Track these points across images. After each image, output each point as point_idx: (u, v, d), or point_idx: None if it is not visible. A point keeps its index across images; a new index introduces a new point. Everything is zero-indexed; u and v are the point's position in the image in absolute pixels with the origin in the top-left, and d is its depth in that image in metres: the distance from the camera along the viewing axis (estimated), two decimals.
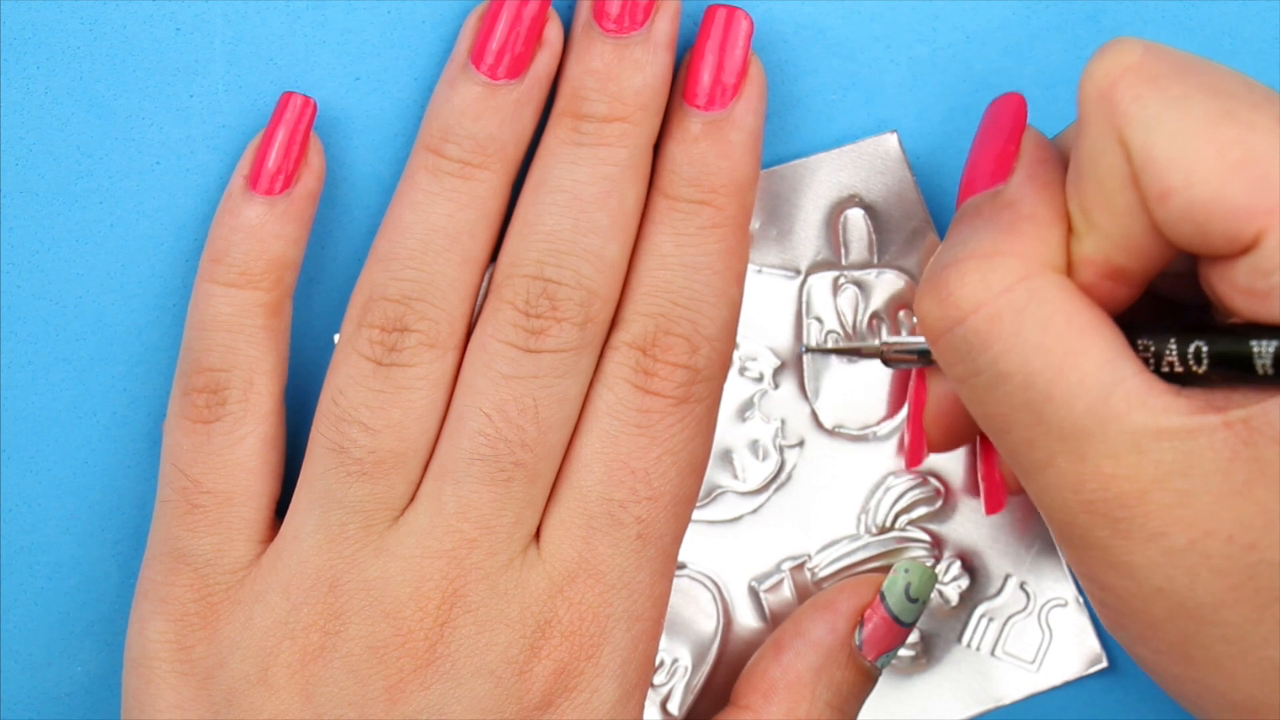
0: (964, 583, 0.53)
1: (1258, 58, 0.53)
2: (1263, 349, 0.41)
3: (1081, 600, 0.53)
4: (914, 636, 0.53)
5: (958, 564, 0.53)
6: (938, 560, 0.53)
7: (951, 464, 0.53)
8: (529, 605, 0.48)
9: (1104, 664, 0.53)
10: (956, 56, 0.53)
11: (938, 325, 0.44)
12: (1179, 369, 0.43)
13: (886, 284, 0.53)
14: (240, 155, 0.51)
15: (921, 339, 0.50)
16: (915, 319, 0.47)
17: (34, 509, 0.52)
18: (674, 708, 0.53)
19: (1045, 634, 0.53)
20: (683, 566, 0.53)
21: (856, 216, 0.53)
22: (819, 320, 0.53)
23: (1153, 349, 0.43)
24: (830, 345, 0.53)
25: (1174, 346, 0.43)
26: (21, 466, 0.52)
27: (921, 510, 0.53)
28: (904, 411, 0.53)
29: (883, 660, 0.51)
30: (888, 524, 0.53)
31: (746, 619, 0.53)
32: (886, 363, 0.51)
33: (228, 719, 0.47)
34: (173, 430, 0.50)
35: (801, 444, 0.53)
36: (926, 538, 0.53)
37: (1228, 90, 0.41)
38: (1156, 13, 0.53)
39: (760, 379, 0.53)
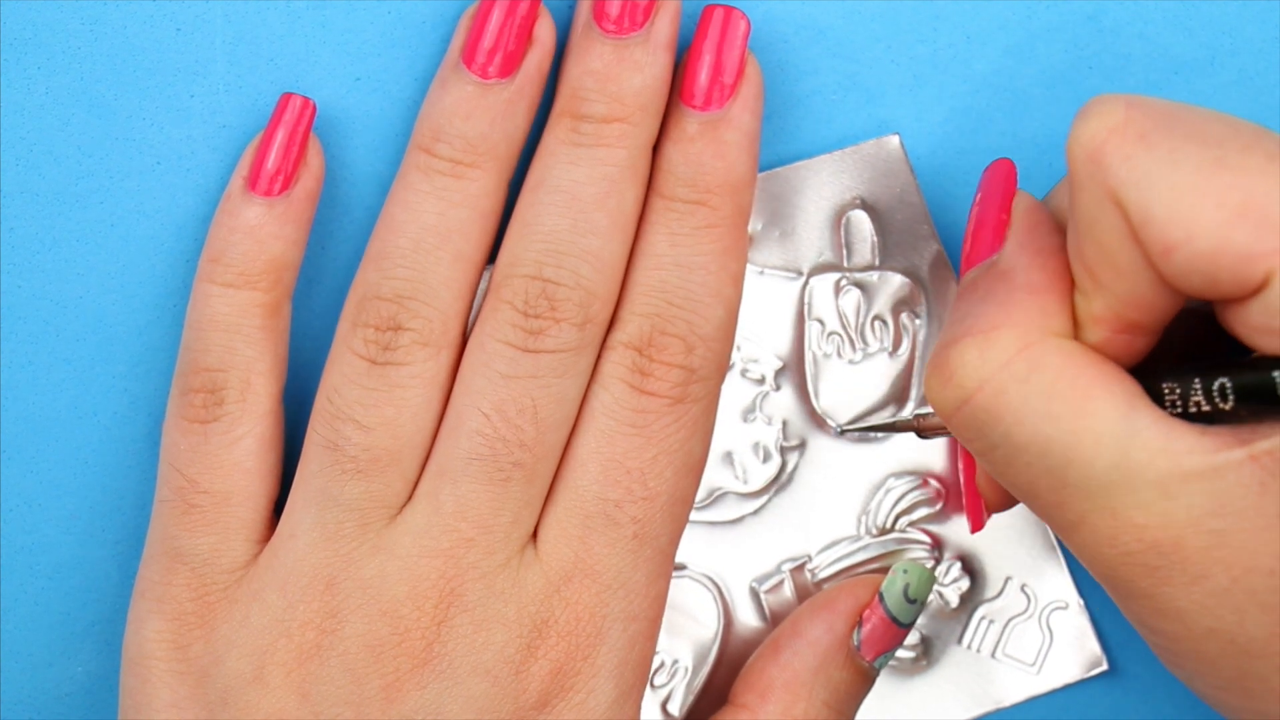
0: (964, 584, 0.53)
1: (1258, 58, 0.53)
2: None
3: (1082, 603, 0.53)
4: (914, 638, 0.53)
5: (958, 566, 0.53)
6: (938, 562, 0.53)
7: (953, 466, 0.53)
8: (526, 605, 0.48)
9: (1104, 667, 0.53)
10: (957, 57, 0.53)
11: (946, 406, 0.44)
12: (1206, 408, 0.42)
13: (889, 286, 0.53)
14: (240, 155, 0.51)
15: None
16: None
17: (34, 509, 0.52)
18: (674, 708, 0.53)
19: (1046, 636, 0.53)
20: (683, 567, 0.53)
21: (859, 218, 0.53)
22: (820, 322, 0.53)
23: (1178, 390, 0.43)
24: (862, 424, 0.53)
25: (1199, 385, 0.42)
26: (21, 466, 0.52)
27: (922, 512, 0.53)
28: (904, 411, 0.53)
29: (880, 661, 0.51)
30: (888, 525, 0.53)
31: (747, 620, 0.53)
32: (921, 434, 0.51)
33: (223, 718, 0.47)
34: (171, 430, 0.50)
35: (803, 445, 0.53)
36: (927, 539, 0.53)
37: (1216, 137, 0.41)
38: (1156, 13, 0.53)
39: (762, 381, 0.53)
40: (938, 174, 0.53)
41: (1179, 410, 0.43)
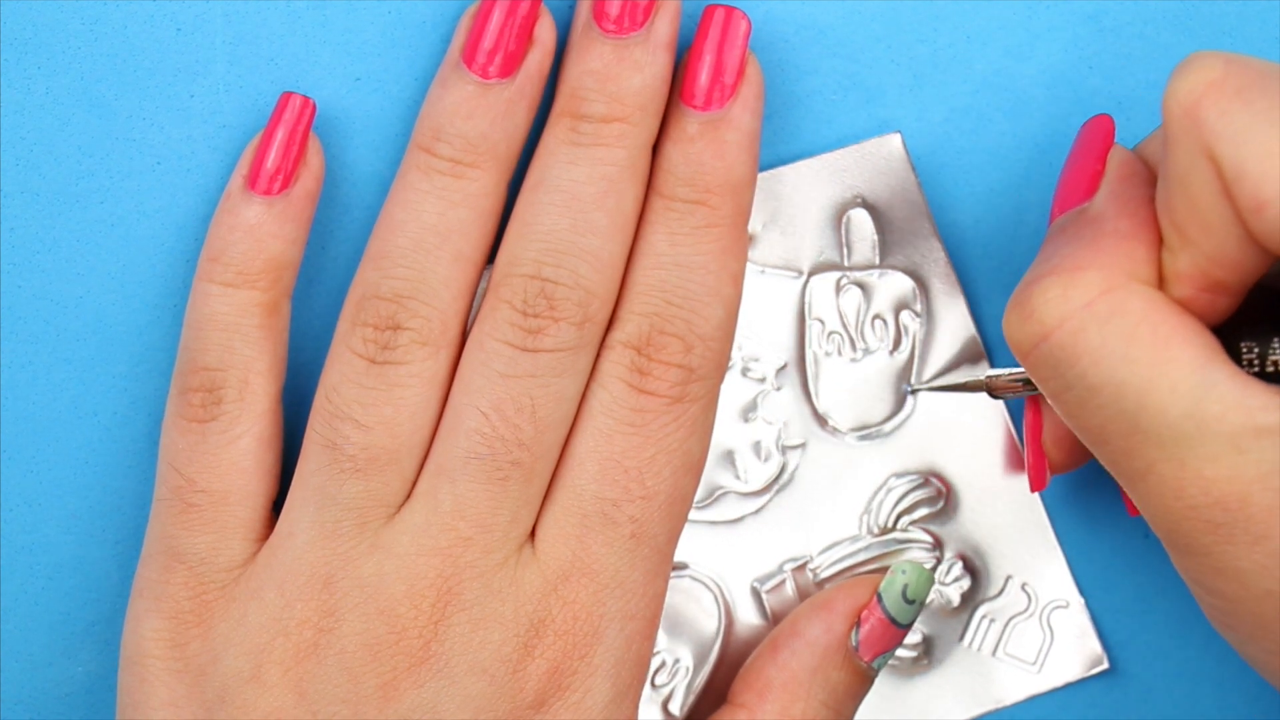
0: (965, 583, 0.53)
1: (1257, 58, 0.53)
2: None
3: (1083, 601, 0.53)
4: (915, 637, 0.53)
5: (959, 565, 0.53)
6: (939, 561, 0.53)
7: (956, 465, 0.53)
8: (523, 604, 0.48)
9: (1105, 665, 0.53)
10: (957, 56, 0.53)
11: (1024, 342, 0.44)
12: None
13: (889, 285, 0.53)
14: (240, 155, 0.51)
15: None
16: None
17: (34, 509, 0.52)
18: (675, 708, 0.53)
19: (1046, 635, 0.53)
20: (685, 567, 0.53)
21: (860, 217, 0.53)
22: (821, 321, 0.53)
23: (1256, 350, 0.43)
24: (933, 384, 0.53)
25: (1277, 345, 0.43)
26: (21, 466, 0.52)
27: (923, 511, 0.53)
28: (905, 410, 0.53)
29: (879, 661, 0.51)
30: (889, 525, 0.53)
31: (748, 619, 0.53)
32: (993, 394, 0.51)
33: (220, 717, 0.47)
34: (169, 429, 0.50)
35: (804, 445, 0.53)
36: (928, 538, 0.53)
37: None
38: (1157, 13, 0.53)
39: (763, 380, 0.53)
40: (938, 173, 0.53)
41: (1256, 369, 0.43)
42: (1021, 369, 0.50)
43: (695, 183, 0.49)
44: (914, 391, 0.53)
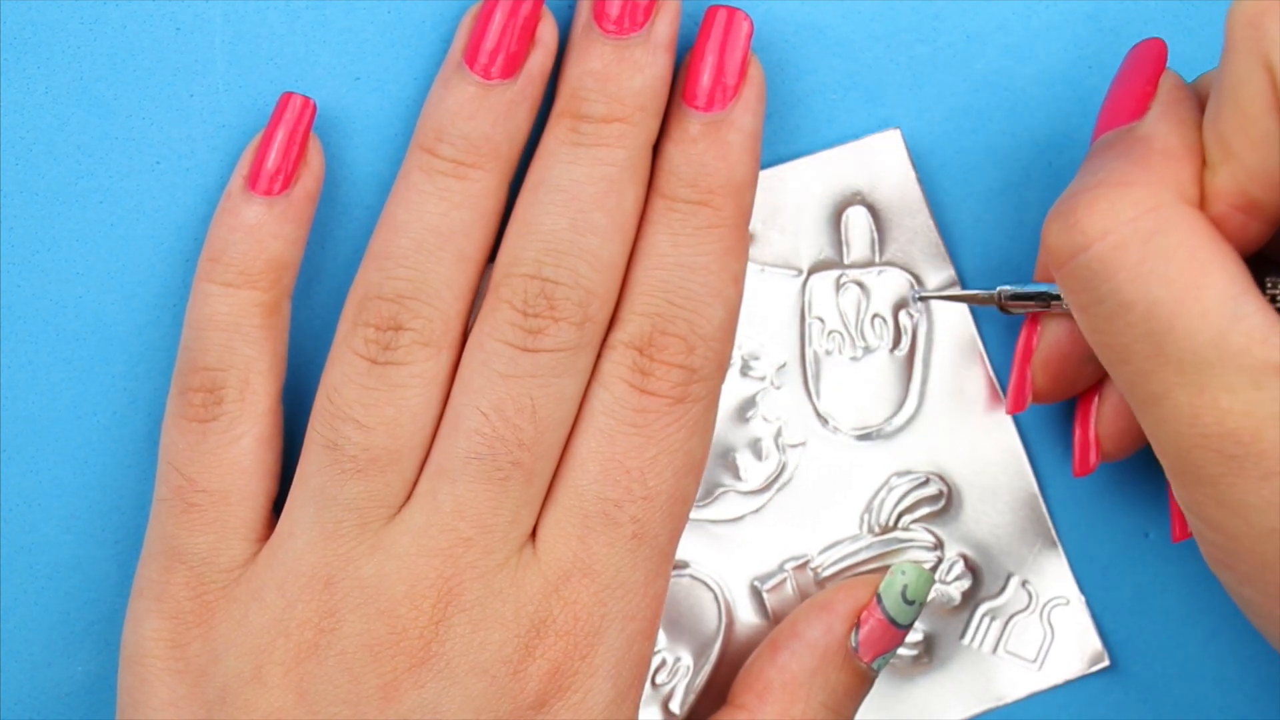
0: (966, 582, 0.53)
1: None
2: None
3: (1084, 599, 0.53)
4: (916, 636, 0.53)
5: (960, 563, 0.53)
6: (940, 560, 0.53)
7: (957, 463, 0.53)
8: (524, 604, 0.48)
9: (1106, 663, 0.53)
10: (957, 56, 0.53)
11: (1063, 251, 0.44)
12: None
13: (888, 283, 0.53)
14: (240, 155, 0.51)
15: (1037, 286, 0.50)
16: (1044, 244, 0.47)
17: (34, 509, 0.52)
18: (675, 707, 0.53)
19: (1047, 633, 0.53)
20: (685, 566, 0.53)
21: (859, 215, 0.53)
22: (821, 320, 0.53)
23: None
24: (942, 294, 0.53)
25: None
26: (21, 466, 0.52)
27: (925, 510, 0.53)
28: (907, 409, 0.53)
29: (879, 662, 0.51)
30: (890, 524, 0.53)
31: (748, 618, 0.53)
32: (1003, 309, 0.51)
33: (221, 717, 0.47)
34: (170, 429, 0.50)
35: (804, 444, 0.53)
36: (929, 537, 0.53)
37: None
38: (1156, 12, 0.53)
39: (763, 378, 0.53)
40: (937, 172, 0.53)
41: (1279, 306, 0.43)
42: (1034, 287, 0.50)
43: (698, 184, 0.49)
44: (922, 299, 0.53)
